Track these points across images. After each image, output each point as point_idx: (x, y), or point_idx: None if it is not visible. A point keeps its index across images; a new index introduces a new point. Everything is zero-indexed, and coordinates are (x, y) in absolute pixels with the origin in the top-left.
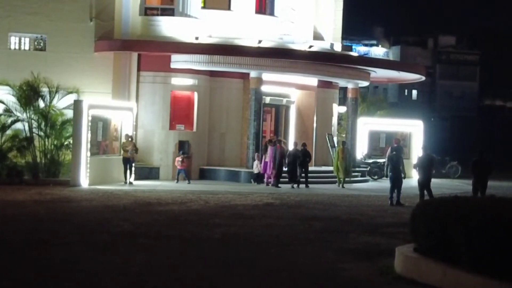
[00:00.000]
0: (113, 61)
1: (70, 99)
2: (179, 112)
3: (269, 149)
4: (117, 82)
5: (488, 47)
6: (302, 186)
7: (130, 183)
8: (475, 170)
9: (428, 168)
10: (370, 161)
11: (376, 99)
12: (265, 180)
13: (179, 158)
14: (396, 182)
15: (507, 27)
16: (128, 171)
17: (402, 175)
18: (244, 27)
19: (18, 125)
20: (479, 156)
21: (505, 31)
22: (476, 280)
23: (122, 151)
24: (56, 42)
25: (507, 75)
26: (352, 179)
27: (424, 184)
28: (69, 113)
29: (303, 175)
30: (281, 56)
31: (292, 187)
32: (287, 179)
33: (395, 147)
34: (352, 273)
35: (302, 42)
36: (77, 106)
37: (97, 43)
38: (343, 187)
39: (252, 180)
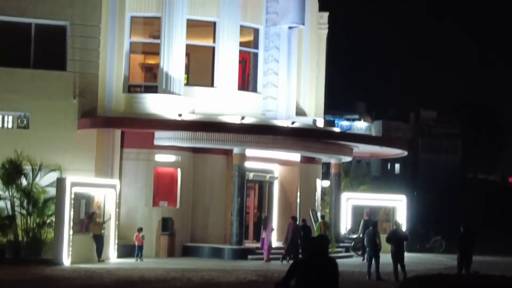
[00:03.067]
0: (96, 139)
1: (53, 176)
2: (162, 189)
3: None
4: (100, 160)
5: (469, 121)
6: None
7: (102, 260)
8: (460, 244)
9: (400, 242)
10: (354, 236)
11: (359, 174)
12: (264, 256)
13: (137, 234)
14: (374, 257)
15: (488, 101)
16: (99, 249)
17: (379, 248)
18: (227, 103)
19: (0, 203)
20: (464, 229)
21: (486, 104)
22: None
23: (93, 228)
24: (39, 120)
25: (489, 148)
26: (335, 254)
27: (397, 258)
28: (52, 191)
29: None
30: (264, 132)
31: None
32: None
33: (371, 222)
34: None
35: (285, 118)
36: (60, 184)
37: (80, 120)
38: None
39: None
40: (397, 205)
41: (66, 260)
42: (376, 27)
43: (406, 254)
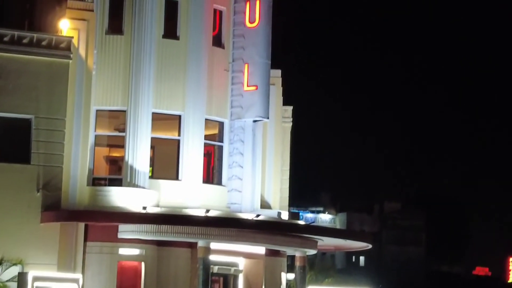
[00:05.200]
0: (59, 232)
1: (14, 271)
2: (126, 283)
3: None
4: (63, 253)
5: (433, 212)
6: None
7: None
8: None
9: None
10: None
11: (324, 267)
12: None
13: None
14: None
15: (451, 192)
16: None
17: None
18: (192, 196)
19: None
20: None
21: (449, 196)
22: None
23: None
24: (2, 213)
25: (453, 240)
26: None
27: None
28: (13, 286)
29: None
30: (229, 225)
31: None
32: None
33: None
34: None
35: (249, 211)
36: (21, 278)
37: (43, 214)
38: None
39: None
40: None
41: None
42: (339, 121)
43: None
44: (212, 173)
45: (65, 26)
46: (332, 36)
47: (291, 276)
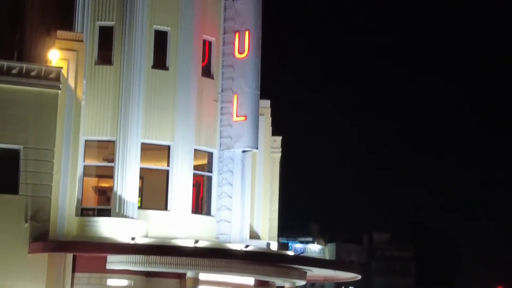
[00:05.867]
0: (47, 263)
1: None
2: None
3: None
4: (51, 284)
5: (422, 243)
6: None
7: None
8: None
9: None
10: None
11: None
12: None
13: None
14: None
15: (440, 223)
16: None
17: None
18: (181, 226)
19: None
20: None
21: (437, 226)
22: None
23: None
24: None
25: (441, 270)
26: None
27: None
28: None
29: None
30: (218, 256)
31: None
32: None
33: None
34: None
35: (238, 242)
36: None
37: (31, 244)
38: None
39: None
40: None
41: None
42: (329, 151)
43: None
44: (201, 203)
45: (55, 56)
46: (321, 67)
47: None
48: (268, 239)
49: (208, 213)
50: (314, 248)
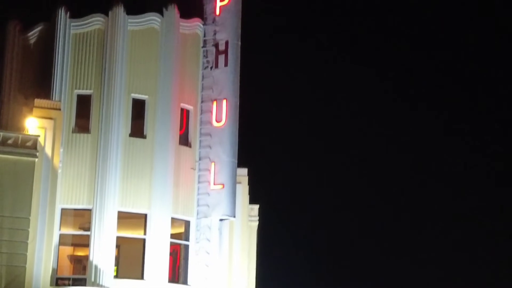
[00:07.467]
0: None
1: None
2: None
3: None
4: None
5: None
6: None
7: None
8: None
9: None
10: None
11: None
12: None
13: None
14: None
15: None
16: None
17: None
18: None
19: None
20: None
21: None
22: None
23: None
24: None
25: None
26: None
27: None
28: None
29: None
30: None
31: None
32: None
33: None
34: None
35: None
36: None
37: None
38: None
39: None
40: None
41: None
42: (307, 219)
43: None
44: (178, 272)
45: (32, 124)
46: (298, 134)
47: None
48: None
49: (185, 282)
50: None
